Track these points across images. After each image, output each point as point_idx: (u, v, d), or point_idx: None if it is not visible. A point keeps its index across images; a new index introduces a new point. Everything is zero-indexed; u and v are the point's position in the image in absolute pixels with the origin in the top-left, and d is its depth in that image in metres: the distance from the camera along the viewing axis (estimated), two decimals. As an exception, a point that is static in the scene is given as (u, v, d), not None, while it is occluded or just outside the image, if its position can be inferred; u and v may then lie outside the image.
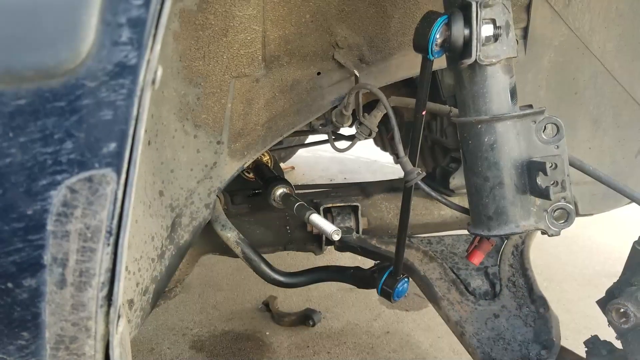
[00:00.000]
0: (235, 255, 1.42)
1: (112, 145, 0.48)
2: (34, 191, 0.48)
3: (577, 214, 1.72)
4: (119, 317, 0.58)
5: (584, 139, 1.60)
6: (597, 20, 1.47)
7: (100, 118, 0.47)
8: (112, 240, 0.51)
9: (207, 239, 1.50)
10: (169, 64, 1.11)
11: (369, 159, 4.93)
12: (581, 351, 1.26)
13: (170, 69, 1.12)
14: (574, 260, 3.08)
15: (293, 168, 4.86)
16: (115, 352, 0.58)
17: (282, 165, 4.67)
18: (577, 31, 1.46)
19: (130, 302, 1.02)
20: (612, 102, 1.58)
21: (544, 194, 0.97)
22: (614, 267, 1.14)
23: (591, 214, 1.75)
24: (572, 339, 1.39)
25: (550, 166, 0.98)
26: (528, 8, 1.40)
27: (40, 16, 0.43)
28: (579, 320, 2.42)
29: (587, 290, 2.72)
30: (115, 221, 0.51)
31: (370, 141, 2.75)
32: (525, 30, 1.42)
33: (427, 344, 2.32)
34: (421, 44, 0.97)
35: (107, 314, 0.55)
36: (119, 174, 0.49)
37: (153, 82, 0.48)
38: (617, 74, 1.55)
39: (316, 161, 5.02)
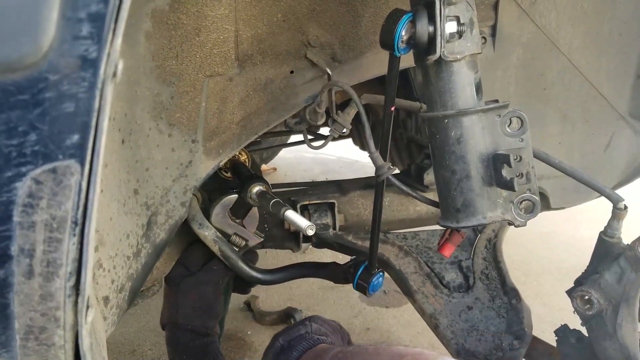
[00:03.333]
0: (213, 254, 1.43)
1: (75, 137, 0.50)
2: (0, 183, 0.50)
3: (549, 208, 1.76)
4: (87, 307, 0.59)
5: (553, 134, 1.64)
6: (563, 18, 1.51)
7: (63, 110, 0.48)
8: (78, 230, 0.53)
9: (185, 237, 1.51)
10: (141, 63, 1.12)
11: (350, 159, 4.96)
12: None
13: (143, 68, 1.13)
14: (551, 255, 3.14)
15: (275, 169, 4.87)
16: (84, 342, 0.59)
17: (264, 166, 4.69)
18: (544, 28, 1.49)
19: (106, 299, 1.03)
20: (581, 98, 1.63)
21: (509, 186, 1.00)
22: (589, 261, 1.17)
23: (563, 208, 1.79)
24: (550, 332, 1.42)
25: (515, 158, 1.01)
26: (496, 6, 1.43)
27: (2, 11, 0.44)
28: (555, 313, 2.47)
29: (563, 284, 2.75)
30: (80, 211, 0.52)
31: (350, 142, 2.78)
32: (494, 28, 1.46)
33: (407, 340, 2.35)
34: (387, 41, 1.00)
35: (76, 303, 0.56)
36: (82, 165, 0.51)
37: (114, 75, 0.50)
38: (585, 70, 1.59)
39: (298, 162, 5.03)
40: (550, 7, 1.48)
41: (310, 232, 1.22)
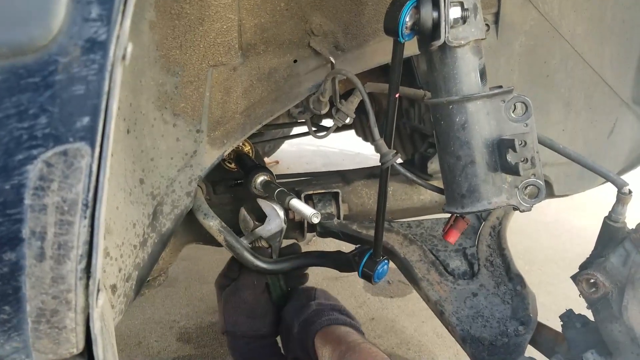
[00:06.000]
0: (218, 244, 1.44)
1: (86, 120, 0.50)
2: (11, 166, 0.50)
3: (553, 195, 1.76)
4: (98, 290, 0.60)
5: (556, 121, 1.64)
6: (566, 5, 1.51)
7: (73, 93, 0.49)
8: (88, 213, 0.53)
9: (190, 228, 1.51)
10: (145, 53, 1.12)
11: (352, 152, 4.96)
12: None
13: (148, 58, 1.13)
14: (555, 244, 3.14)
15: (277, 162, 4.87)
16: (95, 325, 0.60)
17: (266, 159, 4.69)
18: (547, 15, 1.49)
19: (113, 288, 1.03)
20: (584, 85, 1.62)
21: (514, 171, 1.00)
22: None
23: (567, 195, 1.79)
24: (554, 320, 1.42)
25: (520, 143, 1.01)
26: (499, -7, 1.43)
27: (12, -6, 0.45)
28: (559, 302, 2.46)
29: (567, 272, 2.75)
30: (91, 194, 0.53)
31: (353, 133, 2.78)
32: (497, 15, 1.45)
33: (411, 329, 2.36)
34: (391, 27, 1.00)
35: (87, 286, 0.57)
36: (92, 147, 0.51)
37: (123, 57, 0.50)
38: (587, 56, 1.59)
39: (300, 155, 5.04)
40: (553, -7, 1.48)
41: (316, 220, 1.23)
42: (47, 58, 0.48)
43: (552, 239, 3.20)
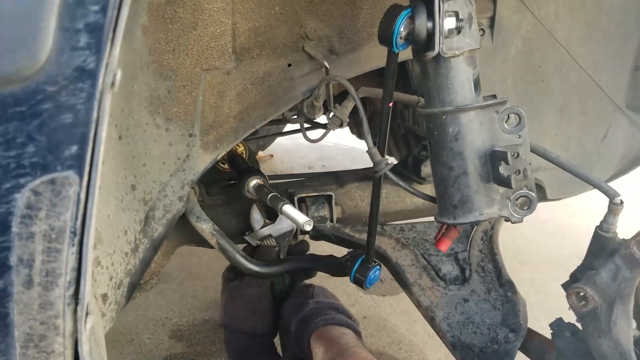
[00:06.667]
0: (211, 246, 1.43)
1: (74, 148, 0.49)
2: (-1, 194, 0.50)
3: (545, 199, 1.77)
4: (87, 314, 0.59)
5: (550, 126, 1.64)
6: (562, 9, 1.50)
7: (61, 122, 0.48)
8: (76, 240, 0.53)
9: (183, 230, 1.51)
10: (138, 58, 1.11)
11: (347, 146, 4.95)
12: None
13: (140, 62, 1.12)
14: (547, 243, 3.15)
15: (272, 156, 4.87)
16: (84, 348, 0.59)
17: (260, 153, 4.68)
18: (543, 20, 1.48)
19: (104, 296, 1.03)
20: (578, 89, 1.62)
21: (506, 183, 1.00)
22: (585, 249, 1.18)
23: (560, 199, 1.80)
24: (545, 321, 1.43)
25: (513, 155, 1.01)
26: (494, -2, 1.42)
27: (-2, 24, 0.44)
28: (551, 302, 2.47)
29: (559, 272, 2.76)
30: (79, 222, 0.52)
31: (348, 129, 2.77)
32: (492, 19, 1.45)
33: (403, 328, 2.37)
34: (386, 37, 0.99)
35: (75, 311, 0.57)
36: (81, 175, 0.50)
37: (112, 84, 0.50)
38: (582, 61, 1.58)
39: (295, 149, 5.03)
40: (549, -2, 1.47)
41: (308, 228, 1.23)
42: (34, 87, 0.47)
43: (544, 237, 3.21)
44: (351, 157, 4.86)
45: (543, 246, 3.11)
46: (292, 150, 4.98)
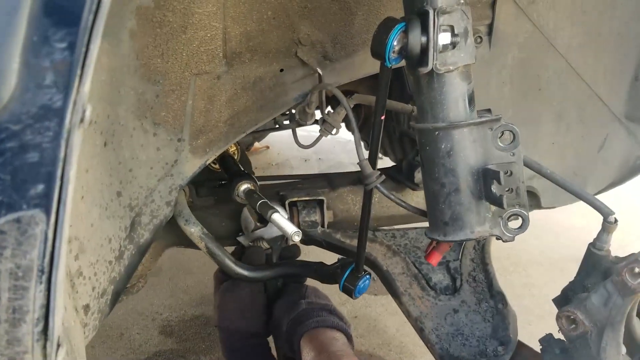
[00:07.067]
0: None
1: (40, 187, 0.47)
2: (-39, 232, 0.47)
3: (540, 207, 1.75)
4: (58, 346, 0.58)
5: (547, 135, 1.62)
6: (562, 18, 1.47)
7: (26, 160, 0.46)
8: (44, 278, 0.51)
9: (172, 232, 1.49)
10: (125, 63, 1.09)
11: (344, 139, 4.92)
12: (548, 331, 1.29)
13: (127, 67, 1.10)
14: (541, 245, 3.14)
15: (268, 147, 4.84)
16: (55, 381, 0.58)
17: (256, 144, 4.65)
18: (542, 28, 1.46)
19: (86, 307, 1.01)
20: (576, 98, 1.60)
21: (498, 202, 0.99)
22: (580, 251, 1.16)
23: (554, 207, 1.78)
24: (536, 325, 1.41)
25: (506, 173, 0.99)
26: (493, 5, 1.39)
27: (-43, 61, 0.42)
28: (543, 305, 2.48)
29: (552, 274, 2.78)
30: (47, 259, 0.50)
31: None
32: (490, 27, 1.42)
33: (393, 329, 2.36)
34: (379, 51, 0.97)
35: (45, 347, 0.55)
36: (48, 214, 0.48)
37: (82, 120, 0.47)
38: (582, 70, 1.56)
39: (291, 140, 4.98)
40: (549, 6, 1.44)
41: (297, 239, 1.21)
42: (-3, 125, 0.45)
43: (537, 239, 3.19)
44: (347, 150, 4.85)
45: (536, 248, 3.10)
46: (287, 142, 4.94)
